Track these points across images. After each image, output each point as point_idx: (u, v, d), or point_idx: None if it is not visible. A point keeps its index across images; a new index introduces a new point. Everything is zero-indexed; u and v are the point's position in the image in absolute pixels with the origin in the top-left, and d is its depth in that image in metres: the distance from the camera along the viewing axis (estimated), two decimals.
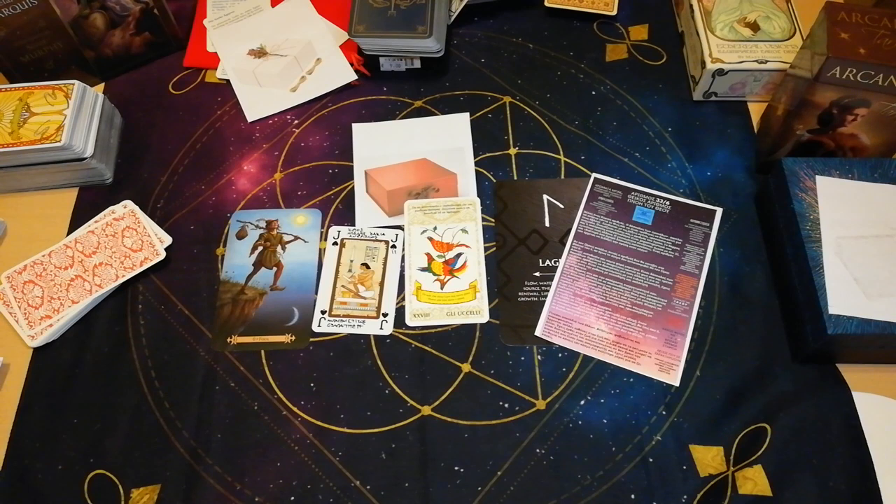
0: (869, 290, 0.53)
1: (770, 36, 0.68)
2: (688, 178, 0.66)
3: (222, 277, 0.63)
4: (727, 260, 0.62)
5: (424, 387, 0.57)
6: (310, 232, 0.65)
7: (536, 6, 0.78)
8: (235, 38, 0.77)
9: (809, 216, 0.56)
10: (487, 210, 0.65)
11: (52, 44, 0.69)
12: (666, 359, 0.57)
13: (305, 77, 0.74)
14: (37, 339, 0.59)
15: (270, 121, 0.72)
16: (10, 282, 0.61)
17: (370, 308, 0.61)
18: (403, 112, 0.72)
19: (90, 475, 0.54)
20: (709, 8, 0.70)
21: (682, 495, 0.52)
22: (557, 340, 0.58)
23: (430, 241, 0.63)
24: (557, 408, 0.56)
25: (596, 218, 0.64)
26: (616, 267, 0.61)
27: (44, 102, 0.65)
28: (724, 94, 0.70)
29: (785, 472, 0.52)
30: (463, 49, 0.76)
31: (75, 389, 0.58)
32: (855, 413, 0.54)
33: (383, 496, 0.53)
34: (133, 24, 0.73)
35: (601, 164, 0.67)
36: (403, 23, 0.70)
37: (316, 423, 0.56)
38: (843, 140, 0.60)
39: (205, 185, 0.68)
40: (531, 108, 0.71)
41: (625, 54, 0.75)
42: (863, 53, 0.53)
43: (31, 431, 0.56)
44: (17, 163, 0.64)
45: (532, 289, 0.61)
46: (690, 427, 0.54)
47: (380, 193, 0.66)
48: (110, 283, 0.61)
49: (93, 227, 0.64)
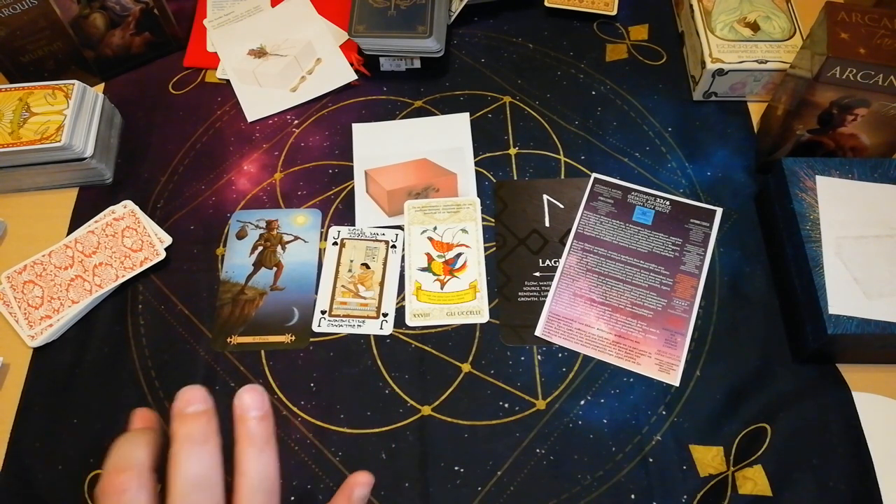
0: (869, 290, 0.53)
1: (770, 36, 0.68)
2: (688, 178, 0.66)
3: (222, 277, 0.63)
4: (727, 260, 0.62)
5: (424, 387, 0.57)
6: (310, 232, 0.65)
7: (536, 6, 0.78)
8: (235, 38, 0.77)
9: (809, 216, 0.56)
10: (487, 210, 0.65)
11: (52, 44, 0.69)
12: (666, 359, 0.57)
13: (305, 77, 0.74)
14: (37, 339, 0.59)
15: (270, 121, 0.72)
16: (10, 282, 0.61)
17: (370, 308, 0.61)
18: (403, 112, 0.72)
19: (90, 475, 0.54)
20: (709, 8, 0.70)
21: (682, 495, 0.52)
22: (557, 340, 0.58)
23: (430, 241, 0.63)
24: (557, 408, 0.56)
25: (596, 218, 0.64)
26: (616, 267, 0.61)
27: (44, 102, 0.65)
28: (724, 94, 0.70)
29: (785, 472, 0.52)
30: (463, 49, 0.76)
31: (75, 389, 0.58)
32: (855, 413, 0.54)
33: (383, 496, 0.53)
34: (133, 24, 0.73)
35: (601, 164, 0.67)
36: (403, 23, 0.70)
37: (316, 423, 0.56)
38: (843, 140, 0.60)
39: (205, 185, 0.68)
40: (531, 108, 0.71)
41: (625, 54, 0.75)
42: (863, 53, 0.53)
43: (31, 431, 0.56)
44: (17, 163, 0.64)
45: (532, 289, 0.61)
46: (690, 427, 0.54)
47: (380, 193, 0.66)
48: (110, 283, 0.61)
49: (93, 227, 0.64)
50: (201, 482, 0.31)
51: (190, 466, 0.31)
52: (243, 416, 0.33)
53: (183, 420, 0.32)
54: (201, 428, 0.32)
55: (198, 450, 0.32)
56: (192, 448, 0.32)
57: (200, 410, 0.33)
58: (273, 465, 0.33)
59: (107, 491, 0.31)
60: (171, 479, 0.31)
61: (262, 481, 0.33)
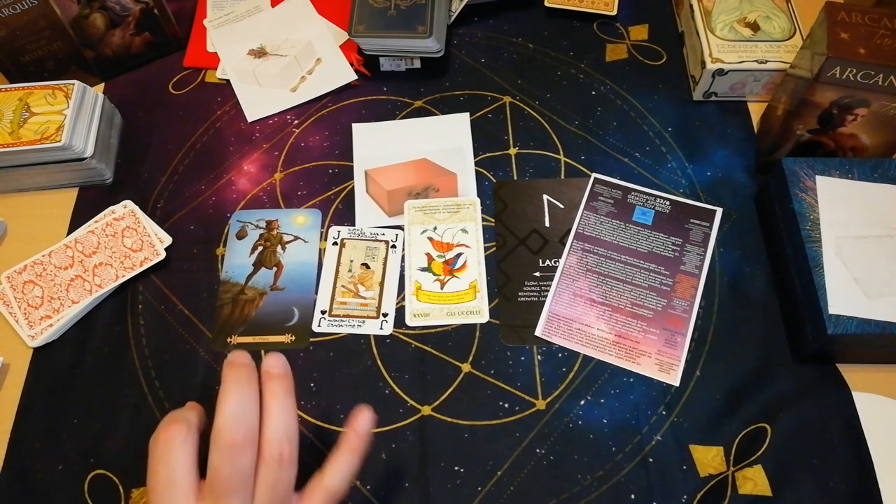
0: (869, 290, 0.53)
1: (770, 36, 0.68)
2: (688, 178, 0.66)
3: (222, 277, 0.63)
4: (727, 260, 0.62)
5: (424, 387, 0.57)
6: (310, 232, 0.65)
7: (536, 6, 0.78)
8: (235, 38, 0.77)
9: (809, 216, 0.56)
10: (487, 210, 0.65)
11: (52, 44, 0.69)
12: (666, 359, 0.57)
13: (305, 77, 0.74)
14: (37, 339, 0.59)
15: (270, 121, 0.72)
16: (10, 282, 0.61)
17: (370, 308, 0.61)
18: (403, 112, 0.72)
19: (90, 475, 0.54)
20: (709, 8, 0.70)
21: (682, 495, 0.52)
22: (557, 340, 0.58)
23: (430, 241, 0.63)
24: (557, 408, 0.56)
25: (596, 218, 0.64)
26: (616, 267, 0.61)
27: (44, 102, 0.65)
28: (724, 94, 0.70)
29: (785, 472, 0.52)
30: (463, 49, 0.76)
31: (75, 389, 0.58)
32: (855, 413, 0.54)
33: (383, 496, 0.53)
34: (133, 24, 0.73)
35: (601, 164, 0.67)
36: (403, 23, 0.70)
37: (316, 422, 0.56)
38: (843, 140, 0.60)
39: (205, 185, 0.68)
40: (531, 108, 0.71)
41: (625, 54, 0.75)
42: (863, 53, 0.53)
43: (31, 431, 0.56)
44: (17, 163, 0.64)
45: (532, 289, 0.61)
46: (690, 427, 0.54)
47: (380, 193, 0.66)
48: (110, 283, 0.61)
49: (93, 227, 0.64)
50: (239, 416, 0.39)
51: (232, 402, 0.39)
52: (268, 373, 0.42)
53: (231, 367, 0.41)
54: (245, 375, 0.40)
55: (241, 390, 0.40)
56: (237, 388, 0.39)
57: (246, 364, 0.41)
58: (292, 414, 0.41)
59: (158, 438, 0.39)
60: (217, 411, 0.39)
61: (283, 426, 0.40)
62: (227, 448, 0.38)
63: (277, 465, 0.39)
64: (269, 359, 0.42)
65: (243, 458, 0.38)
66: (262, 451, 0.39)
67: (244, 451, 0.38)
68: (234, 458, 0.38)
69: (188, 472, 0.38)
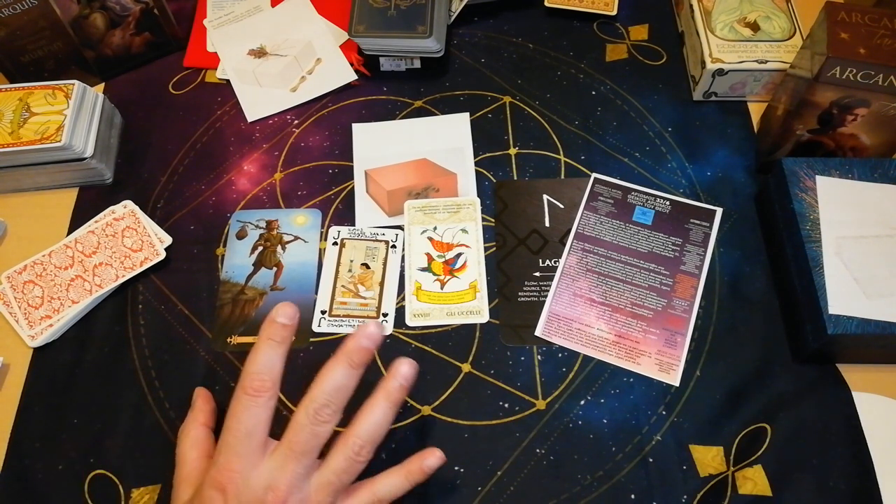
0: (869, 290, 0.53)
1: (770, 36, 0.68)
2: (688, 178, 0.66)
3: (222, 277, 0.63)
4: (727, 260, 0.62)
5: (424, 387, 0.57)
6: (310, 232, 0.65)
7: (536, 6, 0.78)
8: (235, 38, 0.77)
9: (809, 216, 0.56)
10: (487, 210, 0.65)
11: (52, 44, 0.69)
12: (666, 359, 0.57)
13: (305, 77, 0.74)
14: (37, 339, 0.59)
15: (270, 121, 0.72)
16: (10, 282, 0.61)
17: (370, 308, 0.61)
18: (403, 112, 0.72)
19: (90, 475, 0.54)
20: (709, 8, 0.70)
21: (682, 495, 0.52)
22: (557, 340, 0.58)
23: (430, 241, 0.63)
24: (557, 408, 0.56)
25: (596, 218, 0.64)
26: (616, 267, 0.61)
27: (44, 102, 0.65)
28: (724, 94, 0.70)
29: (785, 472, 0.52)
30: (463, 49, 0.76)
31: (75, 389, 0.58)
32: (855, 413, 0.54)
33: None
34: (133, 24, 0.73)
35: (601, 164, 0.67)
36: (403, 23, 0.70)
37: None
38: (843, 140, 0.60)
39: (205, 185, 0.68)
40: (531, 108, 0.71)
41: (625, 54, 0.75)
42: (863, 53, 0.53)
43: (31, 431, 0.56)
44: (17, 163, 0.64)
45: (532, 289, 0.61)
46: (690, 427, 0.54)
47: (380, 193, 0.66)
48: (110, 283, 0.61)
49: (93, 227, 0.64)
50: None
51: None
52: (397, 371, 0.45)
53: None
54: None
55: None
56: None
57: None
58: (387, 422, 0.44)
59: (247, 389, 0.43)
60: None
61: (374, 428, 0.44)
62: (314, 413, 0.42)
63: (352, 457, 0.42)
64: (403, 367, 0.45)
65: (324, 428, 0.42)
66: (346, 437, 0.43)
67: (328, 423, 0.42)
68: (318, 425, 0.42)
69: (266, 428, 0.43)
